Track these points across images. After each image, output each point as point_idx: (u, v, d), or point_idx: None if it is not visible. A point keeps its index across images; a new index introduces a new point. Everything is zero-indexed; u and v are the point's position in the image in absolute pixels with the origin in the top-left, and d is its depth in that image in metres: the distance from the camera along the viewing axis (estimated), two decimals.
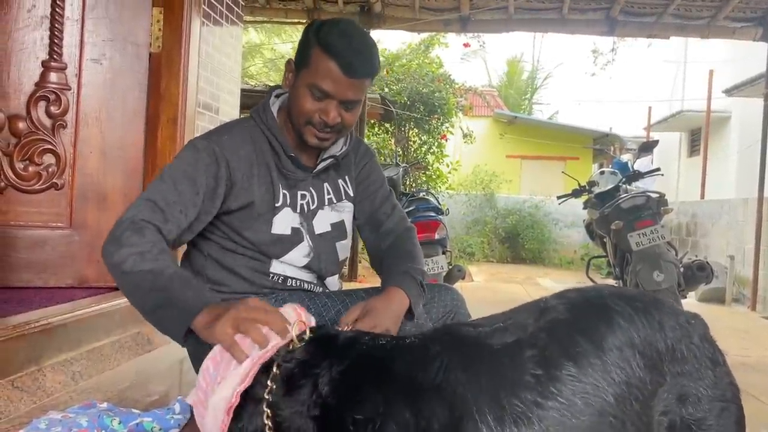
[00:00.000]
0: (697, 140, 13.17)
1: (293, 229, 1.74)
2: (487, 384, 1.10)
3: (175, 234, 1.54)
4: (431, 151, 10.54)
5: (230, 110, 3.37)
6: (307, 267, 1.78)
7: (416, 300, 1.64)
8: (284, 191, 1.73)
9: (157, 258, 1.40)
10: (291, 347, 1.19)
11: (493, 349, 1.15)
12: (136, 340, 2.31)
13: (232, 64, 3.37)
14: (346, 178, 1.88)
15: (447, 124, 10.64)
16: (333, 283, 1.86)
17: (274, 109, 1.73)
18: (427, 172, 10.29)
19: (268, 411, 1.13)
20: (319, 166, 1.78)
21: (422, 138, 10.54)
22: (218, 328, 1.20)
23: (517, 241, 13.01)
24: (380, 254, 1.87)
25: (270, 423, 1.13)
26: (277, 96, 1.77)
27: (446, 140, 10.85)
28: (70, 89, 2.53)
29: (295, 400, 1.13)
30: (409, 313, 1.61)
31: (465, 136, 11.14)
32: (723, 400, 1.24)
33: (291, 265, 1.74)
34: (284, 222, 1.72)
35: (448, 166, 10.90)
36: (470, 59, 21.53)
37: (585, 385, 1.10)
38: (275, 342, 1.16)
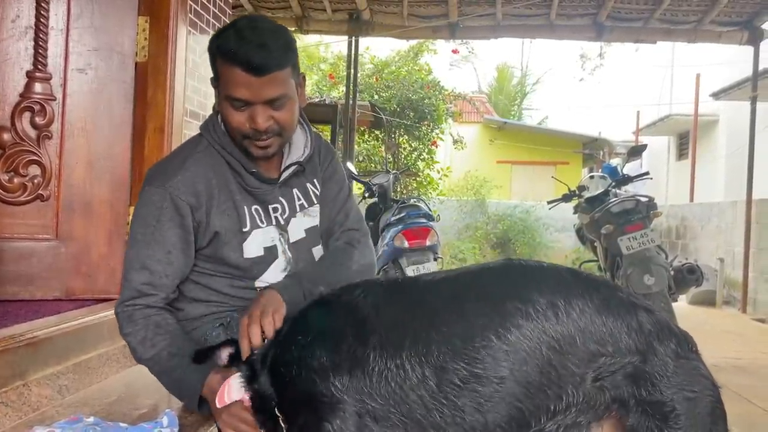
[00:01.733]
0: (685, 144, 13.26)
1: (266, 249, 1.70)
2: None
3: (166, 294, 1.63)
4: (422, 157, 10.55)
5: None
6: None
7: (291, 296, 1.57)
8: (254, 207, 1.69)
9: (153, 341, 1.57)
10: None
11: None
12: (124, 353, 2.28)
13: None
14: (315, 181, 1.82)
15: (437, 131, 10.66)
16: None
17: (223, 126, 1.65)
18: (418, 179, 10.30)
19: None
20: (284, 176, 1.73)
21: (412, 144, 10.55)
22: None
23: (509, 247, 13.03)
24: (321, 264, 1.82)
25: None
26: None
27: (436, 146, 10.87)
28: (55, 99, 2.51)
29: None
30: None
31: (455, 142, 11.17)
32: (691, 391, 1.26)
33: (270, 282, 1.71)
34: (255, 244, 1.69)
35: (438, 172, 10.92)
36: (460, 66, 21.64)
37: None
38: None
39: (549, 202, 6.07)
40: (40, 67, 2.48)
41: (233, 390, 1.41)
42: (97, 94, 2.61)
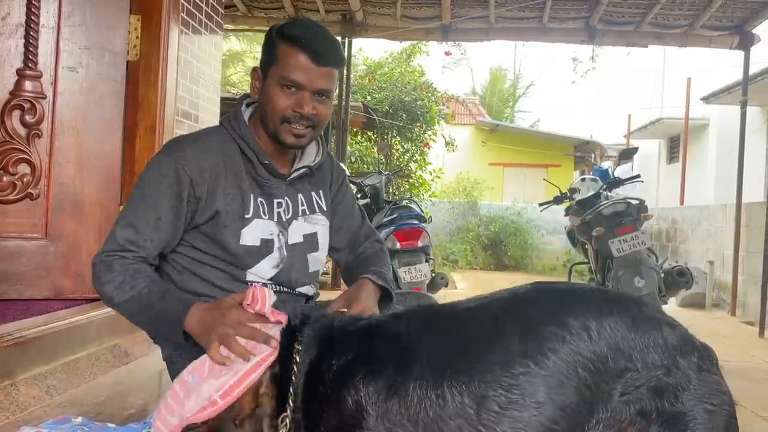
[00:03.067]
0: (676, 147, 13.33)
1: (263, 241, 1.73)
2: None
3: (149, 258, 1.62)
4: (414, 159, 10.56)
5: (210, 118, 3.35)
6: (274, 278, 1.76)
7: (389, 288, 1.74)
8: (260, 199, 1.72)
9: (132, 284, 1.53)
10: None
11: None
12: (113, 353, 2.28)
13: (212, 72, 3.35)
14: (320, 192, 1.88)
15: (429, 132, 10.67)
16: (306, 292, 1.86)
17: (246, 117, 1.73)
18: (410, 180, 10.31)
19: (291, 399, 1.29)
20: (294, 174, 1.78)
21: (405, 146, 10.56)
22: (210, 350, 1.31)
23: (500, 248, 13.05)
24: (351, 266, 1.92)
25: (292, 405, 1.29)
26: (248, 105, 1.77)
27: (429, 148, 10.88)
28: (45, 98, 2.49)
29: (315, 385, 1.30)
30: (387, 300, 1.72)
31: (447, 144, 11.18)
32: (710, 404, 1.30)
33: (259, 276, 1.74)
34: (253, 233, 1.71)
35: (431, 173, 10.93)
36: (453, 68, 21.68)
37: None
38: (264, 353, 1.28)
39: (540, 205, 6.08)
40: (30, 65, 2.46)
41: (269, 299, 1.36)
42: (88, 92, 2.60)
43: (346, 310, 1.54)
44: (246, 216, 1.69)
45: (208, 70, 3.28)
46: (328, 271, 6.83)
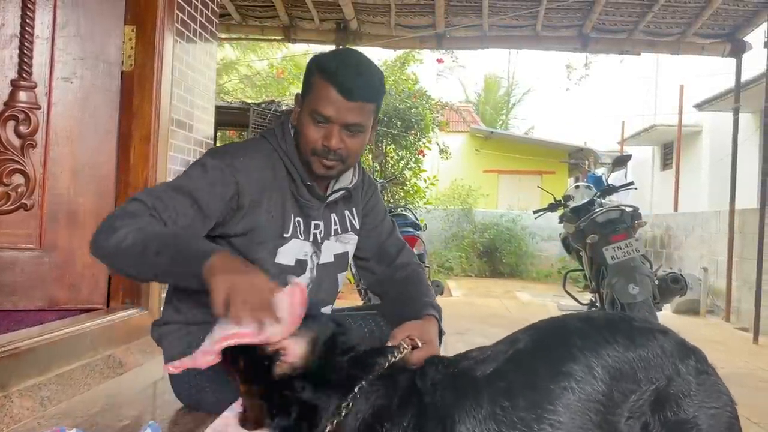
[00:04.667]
0: (669, 154, 13.40)
1: (297, 261, 1.73)
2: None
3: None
4: (409, 166, 10.57)
5: (204, 128, 3.35)
6: None
7: (442, 329, 1.70)
8: (298, 218, 1.72)
9: (155, 228, 1.42)
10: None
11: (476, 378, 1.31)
12: (108, 363, 2.27)
13: (207, 82, 3.36)
14: (353, 210, 1.89)
15: (424, 140, 10.69)
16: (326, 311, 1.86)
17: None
18: (405, 188, 10.32)
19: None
20: (332, 197, 1.79)
21: (399, 154, 10.57)
22: (214, 294, 1.20)
23: (495, 255, 13.07)
24: (393, 283, 1.87)
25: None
26: (292, 126, 1.75)
27: (423, 156, 10.90)
28: (39, 108, 2.49)
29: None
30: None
31: (441, 151, 11.20)
32: (712, 408, 1.30)
33: None
34: (290, 253, 1.71)
35: (425, 181, 10.94)
36: (447, 76, 21.73)
37: (545, 408, 1.25)
38: (246, 330, 1.17)
39: (535, 212, 6.10)
40: (24, 75, 2.46)
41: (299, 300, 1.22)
42: (83, 103, 2.60)
43: (418, 344, 1.44)
44: (285, 235, 1.69)
45: (202, 80, 3.29)
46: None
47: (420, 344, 1.44)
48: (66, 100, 2.56)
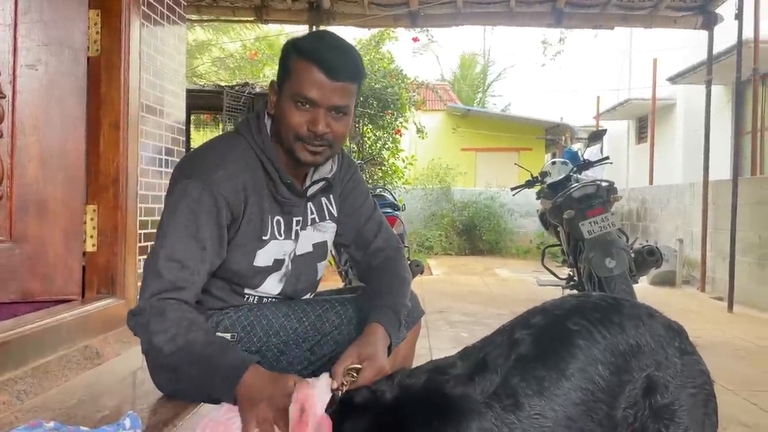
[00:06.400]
0: (644, 127, 13.52)
1: (275, 261, 1.69)
2: None
3: (195, 294, 1.53)
4: (386, 146, 10.55)
5: (176, 112, 3.30)
6: (281, 293, 1.74)
7: (395, 339, 1.61)
8: (277, 218, 1.67)
9: (187, 336, 1.42)
10: None
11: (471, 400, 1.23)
12: (85, 354, 2.24)
13: (176, 66, 3.29)
14: (331, 197, 1.82)
15: (401, 119, 10.66)
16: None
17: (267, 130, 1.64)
18: (383, 168, 10.30)
19: None
20: (311, 190, 1.72)
21: (376, 134, 10.53)
22: (246, 426, 1.29)
23: (475, 233, 13.14)
24: (370, 272, 1.83)
25: None
26: (268, 117, 1.67)
27: (401, 135, 10.87)
28: (4, 97, 2.42)
29: None
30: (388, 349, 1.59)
31: (418, 131, 11.18)
32: (693, 387, 1.34)
33: (266, 294, 1.71)
34: (269, 254, 1.67)
35: (403, 161, 10.94)
36: (422, 53, 21.61)
37: (555, 414, 1.22)
38: None
39: (512, 189, 6.14)
40: None
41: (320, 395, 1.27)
42: (49, 90, 2.54)
43: (359, 366, 1.43)
44: (264, 238, 1.64)
45: (172, 64, 3.23)
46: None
47: (361, 366, 1.43)
48: (31, 88, 2.50)
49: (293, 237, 1.71)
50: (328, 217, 1.81)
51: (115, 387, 2.11)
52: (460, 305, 5.96)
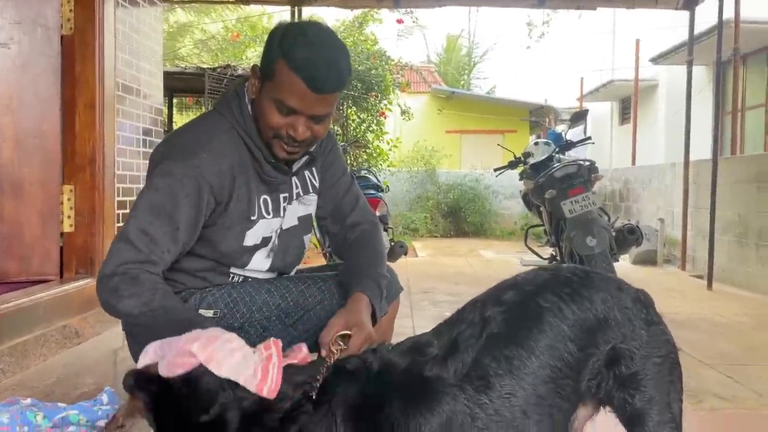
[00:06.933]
0: (627, 108, 13.57)
1: (263, 239, 1.69)
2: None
3: (162, 272, 1.51)
4: (370, 129, 10.51)
5: (154, 92, 3.27)
6: (270, 269, 1.74)
7: (378, 308, 1.63)
8: (264, 197, 1.67)
9: (163, 302, 1.42)
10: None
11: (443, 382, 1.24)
12: (63, 333, 2.24)
13: (153, 45, 3.26)
14: (313, 169, 1.82)
15: (385, 102, 10.62)
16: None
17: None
18: (368, 150, 10.27)
19: None
20: (296, 165, 1.72)
21: (361, 116, 10.50)
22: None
23: (460, 215, 13.18)
24: (345, 246, 1.83)
25: None
26: (249, 100, 1.64)
27: (385, 117, 10.84)
28: None
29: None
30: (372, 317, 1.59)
31: (403, 112, 11.15)
32: (658, 356, 1.37)
33: (255, 271, 1.72)
34: (257, 234, 1.67)
35: (388, 143, 10.91)
36: (407, 36, 21.53)
37: (525, 393, 1.25)
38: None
39: (496, 170, 6.16)
40: None
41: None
42: (22, 69, 2.51)
43: (349, 333, 1.45)
44: (252, 218, 1.64)
45: (149, 43, 3.19)
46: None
47: (351, 333, 1.45)
48: (4, 67, 2.47)
49: (281, 214, 1.72)
50: (311, 190, 1.82)
51: (93, 366, 2.12)
52: (445, 286, 5.99)
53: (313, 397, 1.22)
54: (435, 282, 6.22)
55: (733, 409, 2.90)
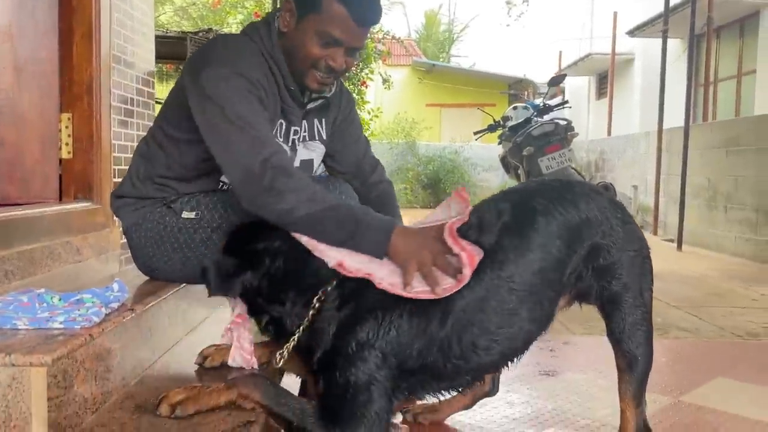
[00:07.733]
0: (605, 83, 13.77)
1: None
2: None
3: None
4: None
5: (147, 28, 3.33)
6: None
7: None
8: (281, 121, 1.75)
9: (325, 197, 1.47)
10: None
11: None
12: (66, 249, 2.32)
13: None
14: (323, 120, 1.89)
15: (366, 71, 10.65)
16: None
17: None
18: None
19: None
20: (311, 105, 1.81)
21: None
22: (407, 272, 1.38)
23: (439, 187, 13.33)
24: (368, 202, 1.89)
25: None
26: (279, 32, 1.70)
27: (366, 87, 10.87)
28: None
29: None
30: None
31: (384, 81, 11.20)
32: (632, 250, 1.58)
33: None
34: None
35: (369, 113, 10.96)
36: (386, 12, 21.47)
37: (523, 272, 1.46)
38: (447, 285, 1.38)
39: (475, 133, 6.29)
40: None
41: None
42: None
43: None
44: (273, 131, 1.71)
45: None
46: None
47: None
48: None
49: (290, 145, 1.80)
50: (317, 138, 1.89)
51: (97, 279, 2.21)
52: None
53: None
54: None
55: (694, 339, 3.14)
